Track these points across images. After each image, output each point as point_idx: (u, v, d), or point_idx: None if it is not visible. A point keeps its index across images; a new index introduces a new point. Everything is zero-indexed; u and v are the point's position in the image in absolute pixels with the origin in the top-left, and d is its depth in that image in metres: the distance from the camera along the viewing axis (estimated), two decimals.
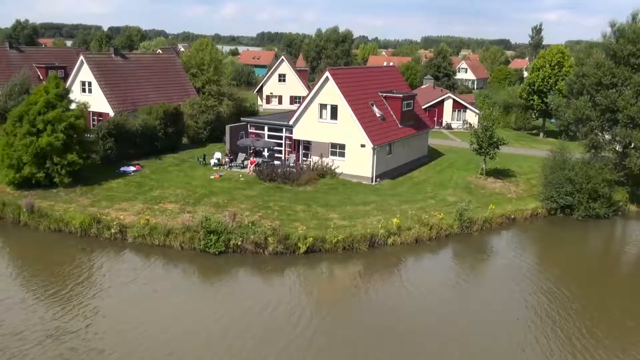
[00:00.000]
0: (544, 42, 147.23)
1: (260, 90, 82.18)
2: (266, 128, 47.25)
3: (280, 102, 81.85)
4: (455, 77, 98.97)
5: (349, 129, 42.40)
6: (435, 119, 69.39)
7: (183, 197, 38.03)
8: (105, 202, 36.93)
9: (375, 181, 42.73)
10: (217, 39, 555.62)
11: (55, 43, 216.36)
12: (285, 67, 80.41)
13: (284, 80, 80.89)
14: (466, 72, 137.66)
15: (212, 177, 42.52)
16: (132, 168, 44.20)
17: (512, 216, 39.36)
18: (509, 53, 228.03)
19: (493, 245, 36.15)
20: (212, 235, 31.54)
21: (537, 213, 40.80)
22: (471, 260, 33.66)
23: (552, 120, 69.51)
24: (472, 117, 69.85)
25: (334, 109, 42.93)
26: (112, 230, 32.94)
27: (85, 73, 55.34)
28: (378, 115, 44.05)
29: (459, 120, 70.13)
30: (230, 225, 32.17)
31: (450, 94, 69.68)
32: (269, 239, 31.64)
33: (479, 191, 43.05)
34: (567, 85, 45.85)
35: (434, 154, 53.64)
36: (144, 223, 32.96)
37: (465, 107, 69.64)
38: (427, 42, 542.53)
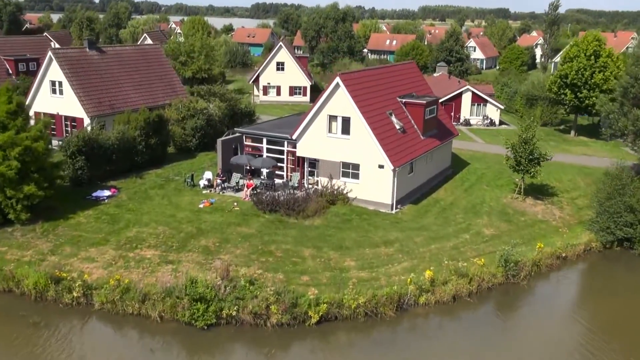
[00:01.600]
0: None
1: (256, 80, 74.68)
2: (265, 141, 40.15)
3: (278, 93, 74.37)
4: (469, 61, 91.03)
5: (364, 146, 35.43)
6: (452, 114, 62.20)
7: (165, 237, 31.20)
8: (69, 246, 30.12)
9: (396, 208, 35.91)
10: (211, 10, 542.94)
11: (40, 19, 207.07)
12: (283, 54, 72.69)
13: (283, 69, 73.28)
14: (474, 50, 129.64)
15: (201, 205, 35.62)
16: (106, 193, 37.25)
17: (563, 254, 32.66)
18: (513, 25, 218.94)
19: (545, 299, 29.47)
20: (199, 303, 24.81)
21: (590, 247, 34.09)
22: (519, 322, 27.13)
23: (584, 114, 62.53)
24: (493, 111, 62.72)
25: (346, 122, 35.86)
26: (74, 294, 26.12)
27: (54, 71, 47.96)
28: (397, 127, 37.01)
29: (478, 115, 62.95)
30: (221, 290, 25.38)
31: (469, 86, 62.36)
32: (271, 307, 24.92)
33: (518, 218, 36.27)
34: (621, 88, 38.68)
35: (457, 163, 46.68)
36: (115, 284, 26.16)
37: (486, 101, 62.38)
38: (425, 11, 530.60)
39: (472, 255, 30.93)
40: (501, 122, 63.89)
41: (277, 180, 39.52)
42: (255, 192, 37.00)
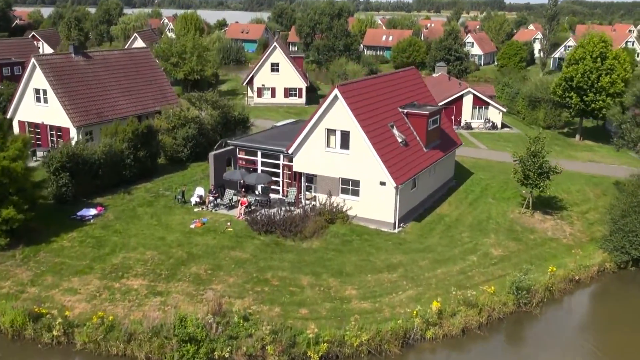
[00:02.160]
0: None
1: (250, 82, 72.47)
2: (259, 154, 38.15)
3: (273, 95, 72.20)
4: (468, 60, 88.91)
5: (364, 162, 33.49)
6: (453, 117, 60.26)
7: (154, 264, 29.23)
8: (51, 276, 28.14)
9: (399, 226, 34.02)
10: (205, 3, 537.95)
11: (30, 15, 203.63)
12: (278, 55, 70.45)
13: (277, 70, 71.05)
14: (472, 46, 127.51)
15: (193, 225, 33.63)
16: (91, 212, 35.23)
17: (577, 277, 30.85)
18: (508, 16, 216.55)
19: (559, 328, 27.62)
20: (189, 344, 22.88)
21: (604, 268, 32.29)
22: (532, 355, 25.26)
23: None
24: (495, 114, 60.80)
25: (345, 136, 33.89)
26: (55, 333, 24.14)
27: (38, 79, 45.81)
28: (399, 140, 35.06)
29: (480, 118, 60.99)
30: (213, 329, 23.47)
31: (470, 89, 60.35)
32: (267, 347, 23.04)
33: (527, 236, 34.43)
34: (634, 97, 36.78)
35: (459, 172, 44.69)
36: (98, 321, 24.20)
37: (488, 104, 60.44)
38: (420, 3, 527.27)
39: (480, 281, 29.13)
40: (503, 125, 62.01)
41: (272, 196, 37.62)
42: (249, 209, 35.07)
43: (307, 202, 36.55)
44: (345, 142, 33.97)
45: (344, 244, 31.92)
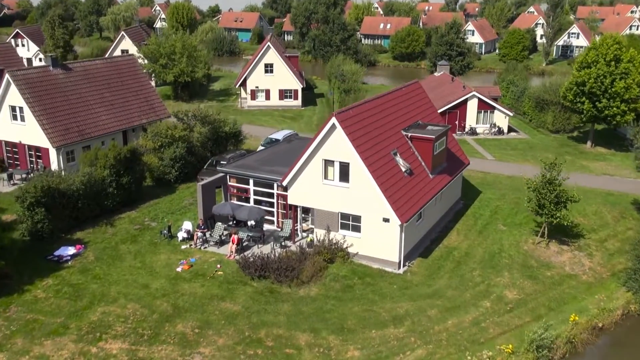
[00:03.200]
0: None
1: (244, 83, 69.11)
2: (251, 182, 35.25)
3: (267, 97, 68.86)
4: (470, 55, 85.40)
5: (365, 196, 30.60)
6: (457, 122, 57.21)
7: (135, 321, 26.46)
8: (21, 337, 25.44)
9: (404, 265, 31.26)
10: None
11: (19, 4, 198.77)
12: (272, 56, 66.93)
13: (272, 71, 67.64)
14: (473, 34, 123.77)
15: (179, 268, 30.81)
16: (70, 251, 32.45)
17: (600, 324, 28.20)
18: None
19: None
20: None
21: (628, 311, 29.63)
22: None
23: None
24: (501, 119, 57.71)
25: (344, 168, 30.95)
26: None
27: (13, 96, 42.75)
28: (404, 169, 32.12)
29: (485, 123, 57.90)
30: None
31: (475, 92, 57.05)
32: None
33: (544, 274, 31.68)
34: None
35: (466, 190, 41.66)
36: None
37: (493, 108, 57.30)
38: None
39: (496, 333, 26.47)
40: (510, 129, 58.95)
41: (266, 227, 34.79)
42: (240, 247, 32.27)
43: (304, 234, 33.85)
44: (344, 174, 31.03)
45: (344, 290, 29.16)
